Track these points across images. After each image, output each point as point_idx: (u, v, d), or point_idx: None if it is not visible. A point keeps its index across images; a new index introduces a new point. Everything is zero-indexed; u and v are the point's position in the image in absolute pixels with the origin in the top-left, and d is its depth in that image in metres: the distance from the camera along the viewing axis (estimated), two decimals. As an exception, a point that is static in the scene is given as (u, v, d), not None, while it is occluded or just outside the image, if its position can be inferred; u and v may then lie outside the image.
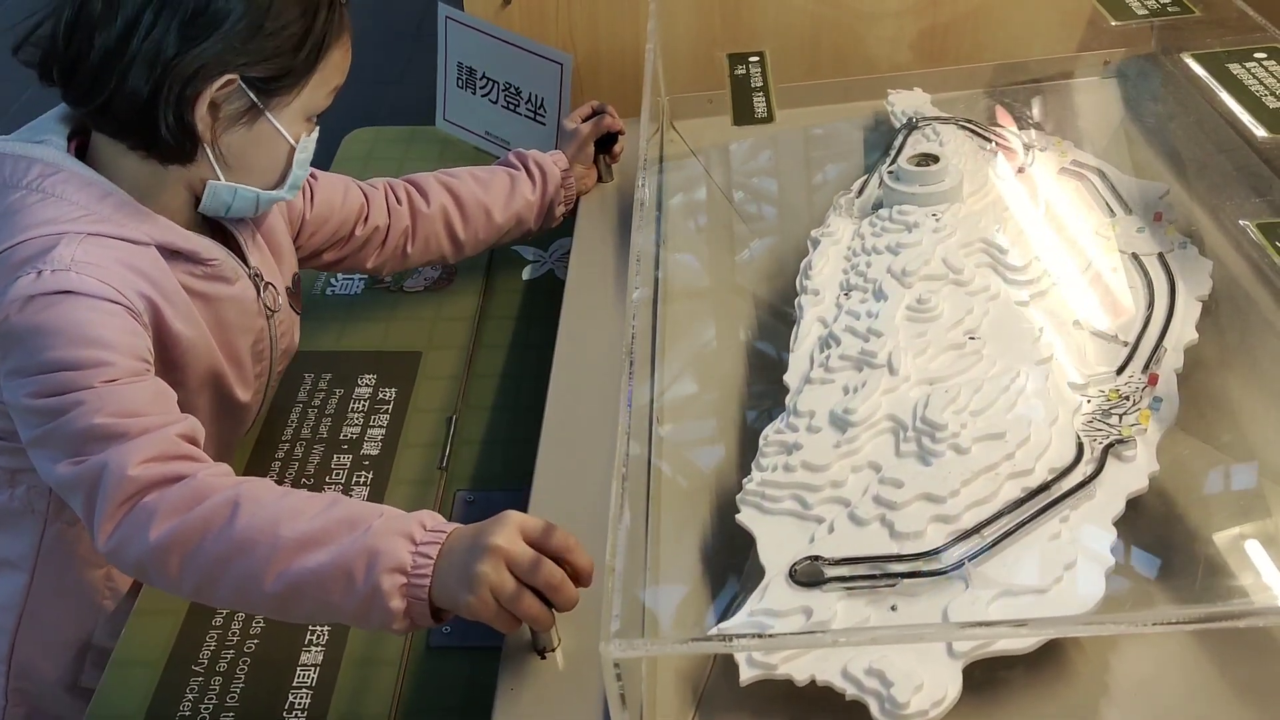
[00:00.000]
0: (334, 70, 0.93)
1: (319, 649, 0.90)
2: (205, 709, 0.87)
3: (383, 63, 2.76)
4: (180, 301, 0.92)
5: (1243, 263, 1.01)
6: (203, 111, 0.87)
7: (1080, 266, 1.02)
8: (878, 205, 1.16)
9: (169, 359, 0.91)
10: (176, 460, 0.80)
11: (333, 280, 1.33)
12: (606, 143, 1.35)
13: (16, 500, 0.98)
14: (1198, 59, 1.06)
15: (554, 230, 1.28)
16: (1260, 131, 0.95)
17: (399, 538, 0.75)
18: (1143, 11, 1.19)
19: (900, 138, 1.29)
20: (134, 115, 0.87)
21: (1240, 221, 0.95)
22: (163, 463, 0.79)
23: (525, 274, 1.33)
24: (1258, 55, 1.06)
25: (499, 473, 1.06)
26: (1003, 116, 1.33)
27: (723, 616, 0.79)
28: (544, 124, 1.42)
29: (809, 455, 0.83)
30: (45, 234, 0.85)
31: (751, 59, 1.27)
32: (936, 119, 1.32)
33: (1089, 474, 0.80)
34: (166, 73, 0.85)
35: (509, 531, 0.73)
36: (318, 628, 0.92)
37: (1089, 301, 0.98)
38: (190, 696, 0.88)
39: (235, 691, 0.88)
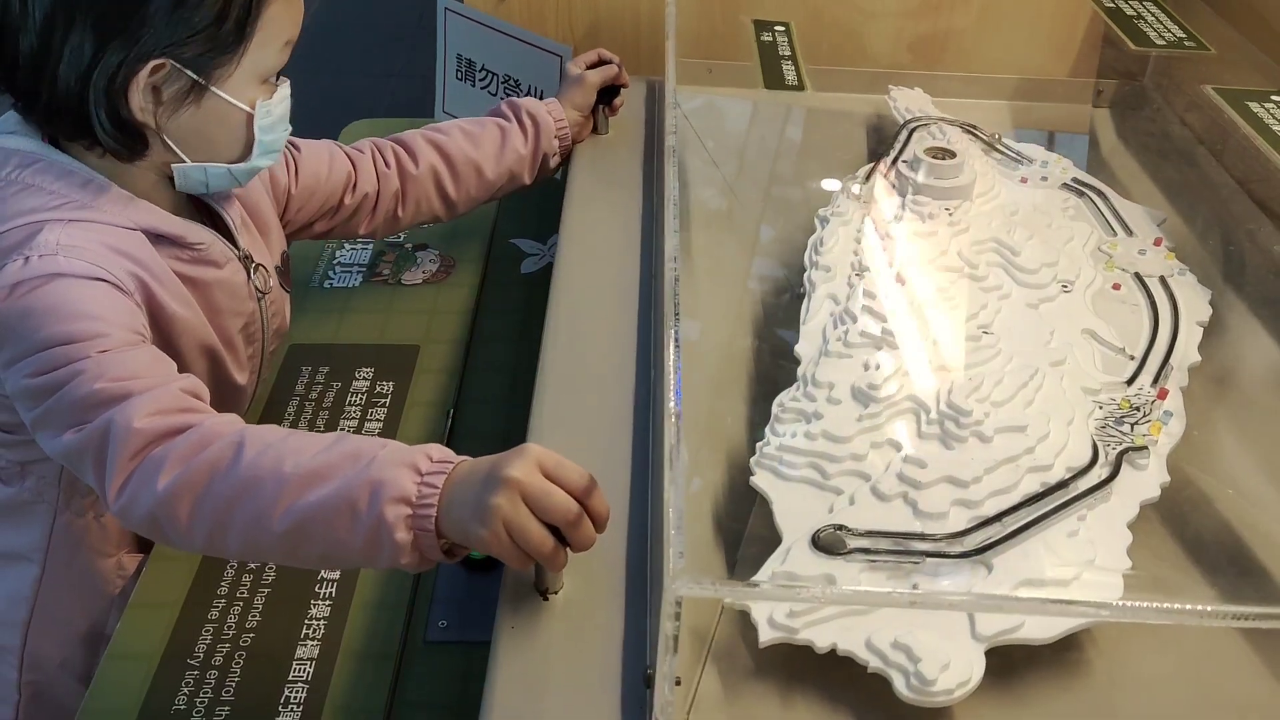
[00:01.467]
0: (276, 26, 0.88)
1: (315, 643, 0.87)
2: (200, 703, 0.83)
3: (382, 55, 2.72)
4: (171, 283, 0.89)
5: (1243, 297, 1.03)
6: (141, 102, 0.84)
7: (1087, 278, 1.03)
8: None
9: (165, 339, 0.88)
10: (182, 413, 0.77)
11: (330, 273, 1.29)
12: (608, 94, 1.31)
13: (26, 491, 0.94)
14: (1221, 94, 1.08)
15: (550, 223, 1.24)
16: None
17: (403, 468, 0.72)
18: (1160, 42, 1.21)
19: (905, 131, 1.28)
20: (74, 117, 0.84)
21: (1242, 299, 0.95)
22: (168, 415, 0.76)
23: (524, 267, 1.30)
24: (1275, 98, 1.08)
25: None
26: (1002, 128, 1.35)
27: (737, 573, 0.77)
28: None
29: (830, 425, 0.82)
30: (28, 222, 0.83)
31: (778, 27, 1.25)
32: (942, 119, 1.32)
33: (1105, 476, 0.80)
34: (90, 71, 0.82)
35: (526, 464, 0.69)
36: (314, 621, 0.88)
37: (1096, 312, 0.99)
38: (185, 690, 0.84)
39: (231, 685, 0.84)
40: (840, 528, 0.74)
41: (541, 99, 1.40)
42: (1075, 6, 1.35)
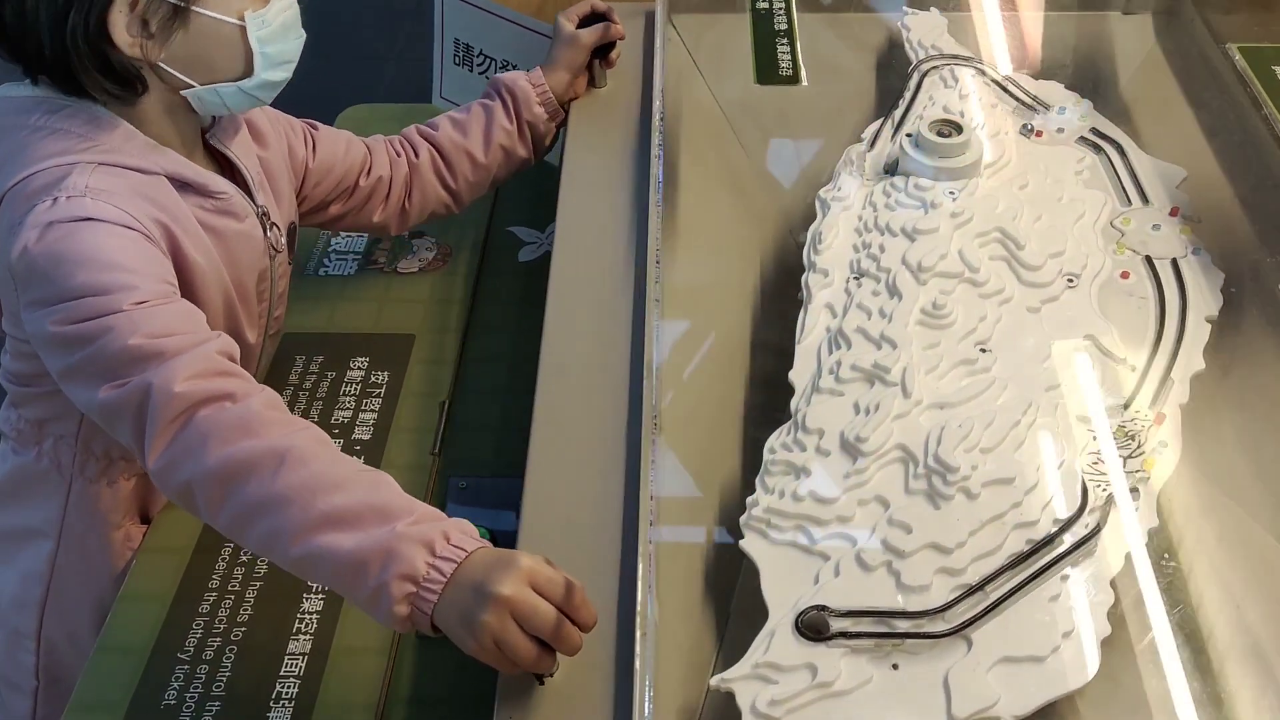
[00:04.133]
0: None
1: (307, 638, 0.90)
2: (191, 697, 0.86)
3: (379, 39, 2.62)
4: (194, 230, 0.90)
5: (1254, 280, 1.00)
6: (127, 38, 0.83)
7: (1094, 269, 1.00)
8: (891, 167, 1.11)
9: (187, 288, 0.89)
10: (220, 376, 0.80)
11: (326, 260, 1.27)
12: (603, 49, 1.26)
13: (44, 458, 0.97)
14: (1245, 54, 1.01)
15: (549, 211, 1.21)
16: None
17: (419, 545, 0.74)
18: (1189, -23, 1.13)
19: (915, 79, 1.22)
20: (65, 70, 0.84)
21: (1260, 275, 0.92)
22: (207, 379, 0.79)
23: (521, 255, 1.28)
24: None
25: (492, 458, 1.04)
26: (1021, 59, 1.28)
27: (719, 644, 0.80)
28: None
29: (817, 484, 0.83)
30: (57, 164, 0.84)
31: (777, -14, 1.17)
32: (953, 59, 1.25)
33: (1091, 527, 0.80)
34: (64, 19, 0.81)
35: (516, 580, 0.72)
36: (306, 615, 0.91)
37: (1101, 310, 0.97)
38: (176, 685, 0.87)
39: (222, 680, 0.87)
40: (822, 608, 0.76)
41: None
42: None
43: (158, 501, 1.02)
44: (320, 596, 0.93)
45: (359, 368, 1.13)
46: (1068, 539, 0.80)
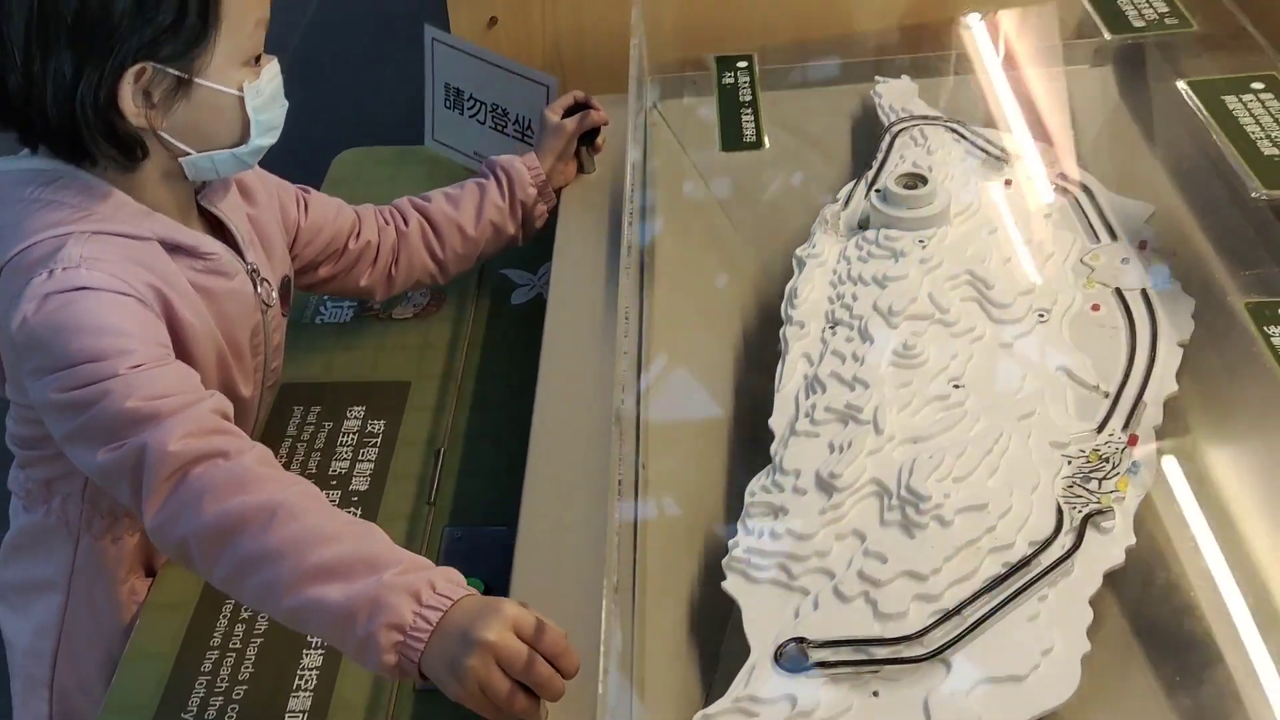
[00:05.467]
0: (241, 7, 0.89)
1: (307, 695, 0.92)
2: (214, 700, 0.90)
3: (370, 84, 2.73)
4: (186, 292, 0.94)
5: (1223, 304, 1.02)
6: (133, 109, 0.88)
7: (1065, 304, 1.02)
8: (864, 222, 1.15)
9: (181, 348, 0.93)
10: (214, 434, 0.83)
11: (321, 308, 1.32)
12: (589, 135, 1.32)
13: (52, 515, 1.01)
14: (1193, 87, 1.04)
15: (541, 252, 1.26)
16: (1254, 185, 0.94)
17: (406, 595, 0.77)
18: (1140, 23, 1.17)
19: (886, 140, 1.27)
20: (71, 138, 0.88)
21: (1228, 299, 0.95)
22: (200, 438, 0.82)
23: (514, 298, 1.32)
24: (1254, 86, 1.04)
25: (488, 507, 1.06)
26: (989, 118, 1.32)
27: (708, 687, 0.81)
28: (532, 145, 1.41)
29: (795, 522, 0.85)
30: (51, 235, 0.88)
31: (740, 64, 1.23)
32: (924, 119, 1.30)
33: (1067, 547, 0.81)
34: (74, 91, 0.86)
35: (500, 626, 0.74)
36: (306, 672, 0.93)
37: (1072, 345, 0.99)
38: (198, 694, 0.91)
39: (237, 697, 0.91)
40: (801, 640, 0.77)
41: (529, 127, 1.42)
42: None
43: (161, 555, 1.05)
44: (319, 652, 0.95)
45: (355, 417, 1.16)
46: (1044, 560, 0.81)
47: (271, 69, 0.95)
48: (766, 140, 1.14)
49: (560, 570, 0.87)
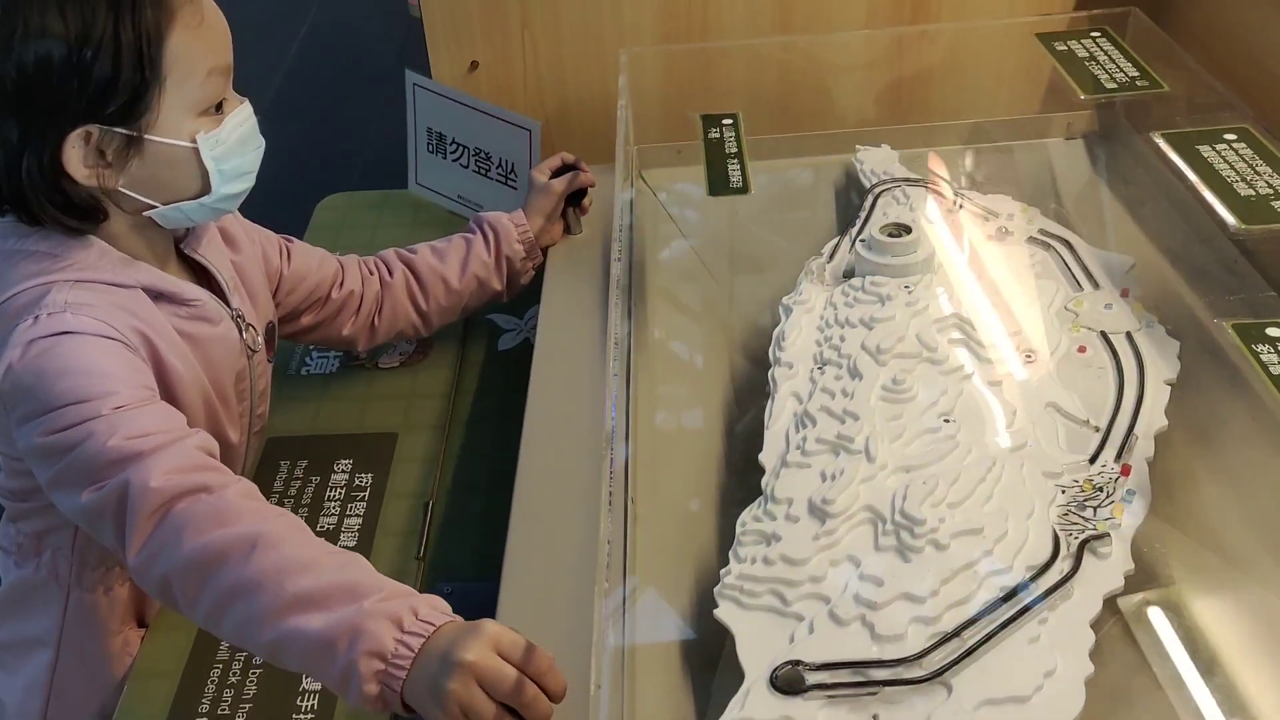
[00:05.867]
0: (188, 58, 0.88)
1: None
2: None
3: (353, 128, 2.77)
4: (171, 338, 0.93)
5: (1208, 344, 1.02)
6: (82, 170, 0.87)
7: (1050, 345, 1.03)
8: (849, 272, 1.16)
9: (167, 393, 0.92)
10: (198, 471, 0.81)
11: (308, 358, 1.31)
12: (576, 196, 1.34)
13: (43, 569, 0.99)
14: (1168, 139, 1.07)
15: (527, 297, 1.27)
16: (1232, 221, 0.96)
17: (387, 621, 0.74)
18: (1111, 85, 1.21)
19: (869, 200, 1.29)
20: (24, 205, 0.88)
21: (1215, 320, 0.95)
22: (184, 473, 0.80)
23: (501, 344, 1.32)
24: (1227, 137, 1.07)
25: (477, 561, 1.04)
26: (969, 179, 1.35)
27: (700, 716, 0.78)
28: (515, 188, 1.44)
29: (787, 548, 0.83)
30: (35, 284, 0.87)
31: (725, 121, 1.26)
32: (905, 180, 1.32)
33: (1066, 572, 0.80)
34: (19, 158, 0.86)
35: (481, 646, 0.71)
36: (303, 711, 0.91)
37: (1060, 383, 0.99)
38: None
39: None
40: (797, 663, 0.74)
41: (512, 170, 1.44)
42: (1032, 55, 1.35)
43: (152, 605, 1.03)
44: (309, 716, 0.92)
45: (343, 470, 1.14)
46: (1042, 584, 0.79)
47: (238, 115, 0.93)
48: (753, 186, 1.15)
49: (549, 607, 0.85)
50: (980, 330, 1.04)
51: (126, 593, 1.02)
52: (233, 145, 0.93)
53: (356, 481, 1.14)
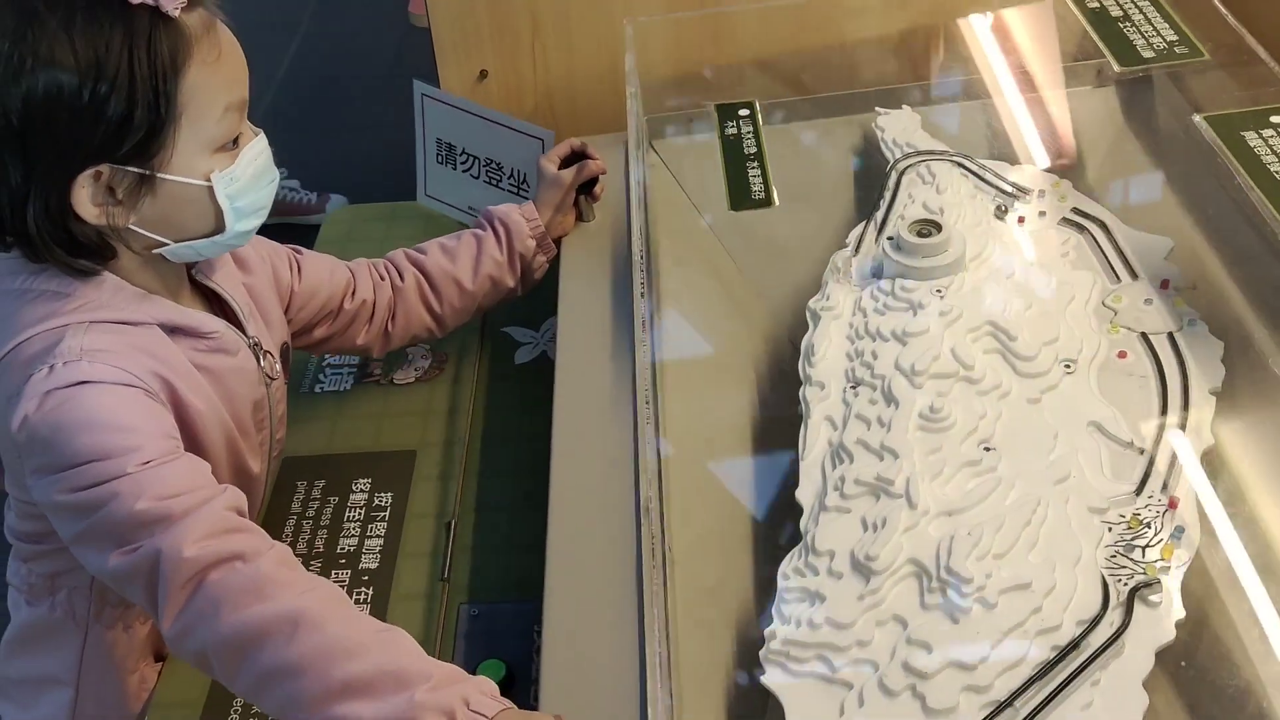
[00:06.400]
0: (204, 95, 0.84)
1: None
2: None
3: (362, 139, 2.72)
4: (189, 375, 0.91)
5: (1254, 344, 0.99)
6: (92, 210, 0.84)
7: (1090, 352, 1.00)
8: (877, 271, 1.12)
9: (189, 435, 0.90)
10: (230, 535, 0.80)
11: (321, 376, 1.28)
12: (587, 183, 1.29)
13: (58, 609, 0.98)
14: (1210, 122, 1.01)
15: (544, 308, 1.23)
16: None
17: (440, 715, 0.74)
18: (1149, 54, 1.14)
19: (892, 179, 1.24)
20: (33, 247, 0.85)
21: (1258, 341, 0.91)
22: (216, 539, 0.79)
23: (518, 357, 1.29)
24: (1274, 120, 1.01)
25: (504, 580, 1.03)
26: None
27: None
28: (528, 198, 1.38)
29: (832, 609, 0.82)
30: (48, 328, 0.85)
31: (741, 112, 1.20)
32: (928, 154, 1.27)
33: (1117, 625, 0.78)
34: (25, 200, 0.82)
35: None
36: None
37: (1101, 397, 0.96)
38: None
39: None
40: (850, 741, 0.74)
41: (524, 181, 1.39)
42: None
43: None
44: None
45: (362, 490, 1.12)
46: (1093, 641, 0.78)
47: (253, 149, 0.89)
48: (776, 197, 1.10)
49: (591, 651, 0.84)
50: (1016, 339, 1.00)
51: (147, 630, 1.02)
52: (247, 182, 0.89)
53: (376, 501, 1.12)
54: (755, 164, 1.14)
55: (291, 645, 0.76)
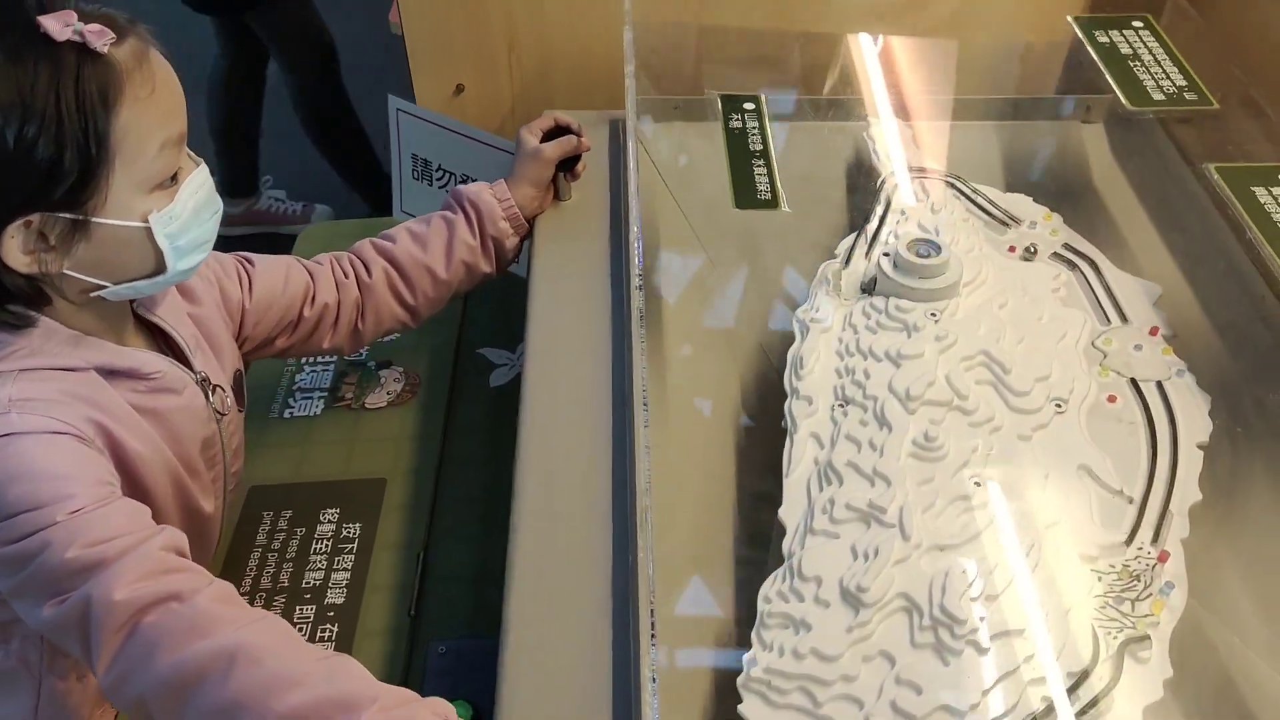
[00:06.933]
0: (139, 134, 0.78)
1: None
2: None
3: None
4: (129, 420, 0.84)
5: (1243, 404, 0.98)
6: (22, 259, 0.77)
7: (1081, 393, 0.98)
8: (868, 286, 1.09)
9: (131, 479, 0.84)
10: (165, 575, 0.74)
11: (290, 400, 1.22)
12: (568, 161, 1.23)
13: (11, 657, 0.90)
14: (1222, 174, 1.00)
15: (521, 329, 1.16)
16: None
17: None
18: (1159, 96, 1.13)
19: (884, 193, 1.21)
20: None
21: (1247, 397, 0.90)
22: (151, 580, 0.73)
23: (493, 379, 1.23)
24: (1281, 177, 1.01)
25: (475, 614, 0.98)
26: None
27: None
28: None
29: (818, 640, 0.78)
30: None
31: (747, 105, 1.15)
32: (921, 171, 1.24)
33: (1107, 680, 0.76)
34: None
35: None
36: None
37: (1091, 436, 0.94)
38: None
39: None
40: (834, 785, 0.70)
41: None
42: (1055, 30, 1.26)
43: None
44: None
45: (329, 520, 1.07)
46: (1083, 694, 0.76)
47: (192, 183, 0.82)
48: (783, 200, 1.06)
49: (555, 686, 0.79)
50: (1009, 373, 0.98)
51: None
52: (188, 219, 0.82)
53: (344, 532, 1.07)
54: (761, 162, 1.09)
55: (229, 682, 0.71)
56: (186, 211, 0.82)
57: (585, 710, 0.77)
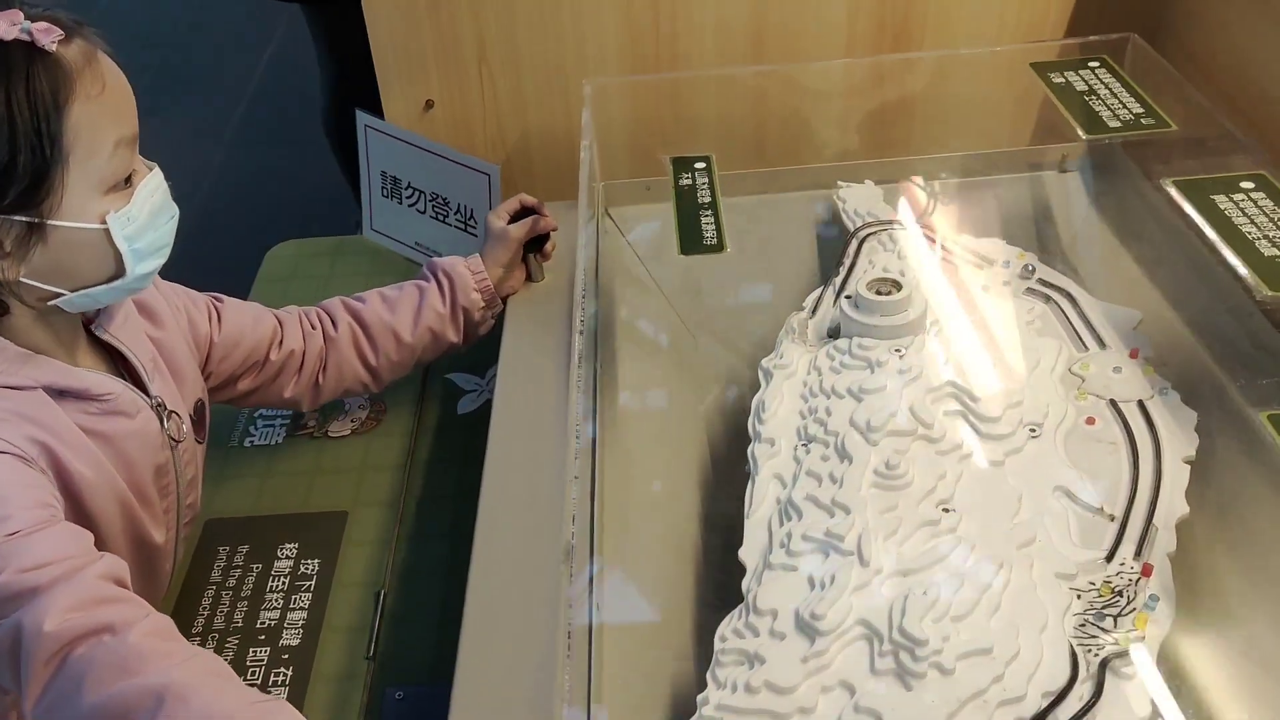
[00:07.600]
0: (92, 133, 0.78)
1: None
2: None
3: (308, 171, 2.64)
4: (77, 442, 0.83)
5: (1228, 411, 0.94)
6: None
7: (1057, 417, 0.94)
8: (834, 330, 1.07)
9: (75, 504, 0.82)
10: (99, 606, 0.71)
11: (252, 428, 1.21)
12: (538, 240, 1.24)
13: None
14: (1180, 187, 0.98)
15: (490, 356, 1.16)
16: (1259, 290, 0.87)
17: None
18: (1115, 124, 1.12)
19: (853, 245, 1.20)
20: None
21: (1250, 410, 0.87)
22: (84, 611, 0.71)
23: (460, 406, 1.21)
24: (1244, 185, 0.98)
25: (432, 660, 0.94)
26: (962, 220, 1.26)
27: None
28: (475, 234, 1.34)
29: (773, 672, 0.73)
30: None
31: (698, 165, 1.16)
32: (890, 224, 1.23)
33: (1086, 699, 0.71)
34: None
35: None
36: None
37: (1068, 462, 0.90)
38: None
39: None
40: (786, 820, 0.65)
41: (471, 216, 1.34)
42: (1023, 83, 1.26)
43: None
44: None
45: (288, 556, 1.04)
46: (1061, 715, 0.70)
47: (148, 186, 0.83)
48: (728, 243, 1.06)
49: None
50: (979, 401, 0.94)
51: None
52: (145, 220, 0.83)
53: (302, 569, 1.04)
54: (709, 213, 1.09)
55: None
56: (144, 213, 0.82)
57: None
